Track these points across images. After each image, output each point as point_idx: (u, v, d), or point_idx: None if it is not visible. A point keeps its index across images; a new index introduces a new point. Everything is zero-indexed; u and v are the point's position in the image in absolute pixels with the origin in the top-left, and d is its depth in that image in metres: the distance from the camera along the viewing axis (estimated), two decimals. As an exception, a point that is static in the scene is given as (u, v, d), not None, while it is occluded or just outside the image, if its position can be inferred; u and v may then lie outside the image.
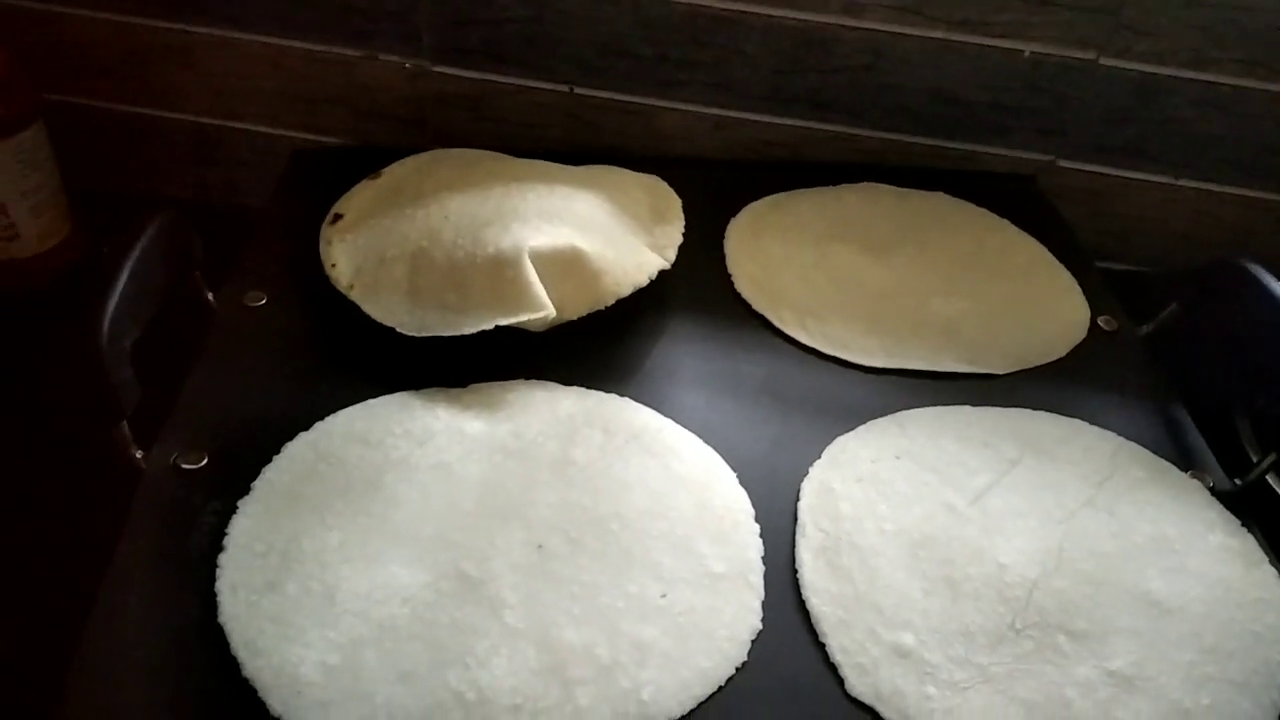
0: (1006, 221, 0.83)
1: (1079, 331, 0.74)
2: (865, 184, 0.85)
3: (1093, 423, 0.67)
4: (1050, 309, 0.76)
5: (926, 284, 0.76)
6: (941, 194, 0.85)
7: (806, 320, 0.72)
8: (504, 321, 0.63)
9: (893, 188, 0.85)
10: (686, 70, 0.87)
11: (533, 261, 0.65)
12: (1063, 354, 0.72)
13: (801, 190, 0.84)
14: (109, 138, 0.95)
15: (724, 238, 0.79)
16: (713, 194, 0.80)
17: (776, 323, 0.72)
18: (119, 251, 0.58)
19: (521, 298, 0.64)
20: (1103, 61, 0.83)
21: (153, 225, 0.61)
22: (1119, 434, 0.66)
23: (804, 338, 0.71)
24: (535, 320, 0.64)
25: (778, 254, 0.77)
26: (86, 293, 0.58)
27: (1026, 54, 0.84)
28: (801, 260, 0.77)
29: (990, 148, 0.89)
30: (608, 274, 0.67)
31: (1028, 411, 0.67)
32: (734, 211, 0.82)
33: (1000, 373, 0.70)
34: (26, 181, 0.81)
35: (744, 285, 0.74)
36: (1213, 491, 0.63)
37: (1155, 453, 0.65)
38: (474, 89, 0.89)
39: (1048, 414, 0.67)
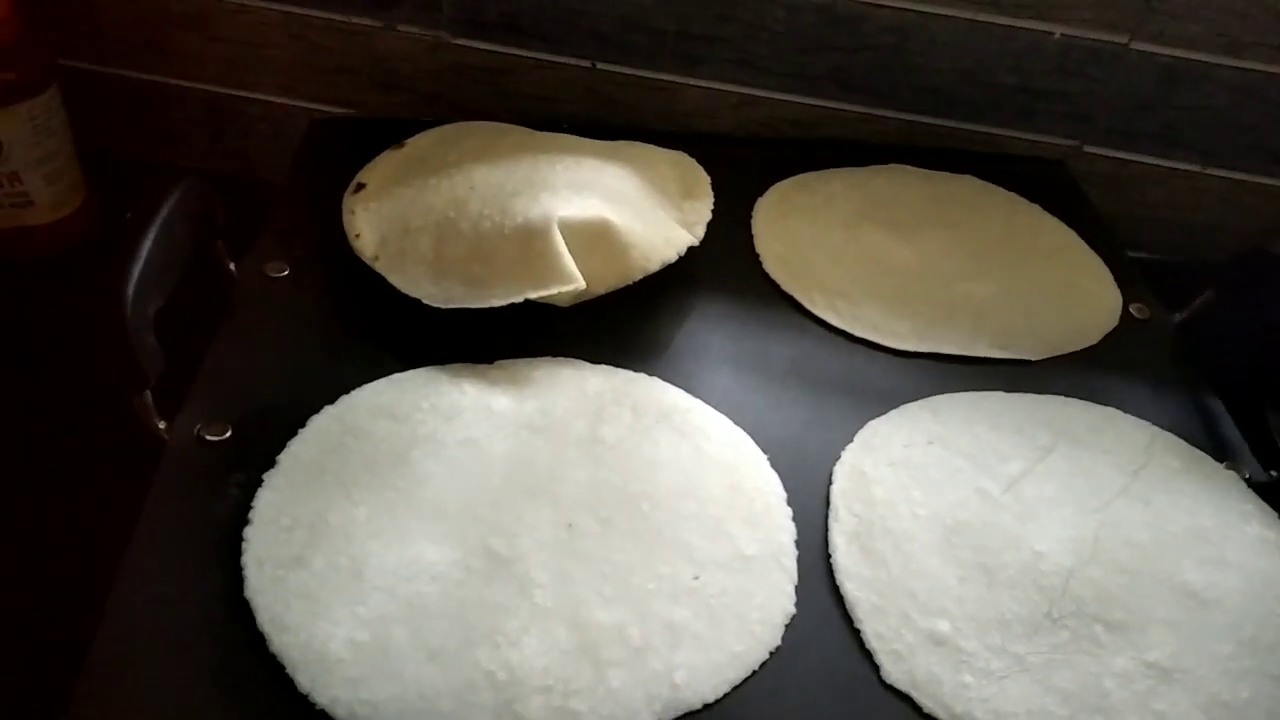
0: (1036, 206, 0.82)
1: (1111, 319, 0.73)
2: (893, 165, 0.84)
3: (1125, 411, 0.66)
4: (1082, 295, 0.75)
5: (956, 267, 0.75)
6: (970, 177, 0.84)
7: (837, 301, 0.71)
8: (533, 294, 0.62)
9: (920, 169, 0.84)
10: (709, 46, 0.86)
11: (561, 232, 0.63)
12: (1095, 341, 0.71)
13: (829, 170, 0.83)
14: (122, 105, 0.93)
15: (750, 217, 0.78)
16: (735, 172, 0.79)
17: (806, 304, 0.70)
18: (143, 217, 0.57)
19: (550, 269, 0.63)
20: (1134, 46, 0.82)
21: (177, 191, 0.59)
22: (1152, 423, 0.65)
23: (834, 319, 0.70)
24: (564, 293, 0.63)
25: (806, 234, 0.76)
26: (108, 259, 0.56)
27: (1057, 36, 0.83)
28: (830, 241, 0.76)
29: (1016, 131, 0.88)
30: (636, 248, 0.66)
31: (1060, 398, 0.66)
32: (756, 190, 0.80)
33: (1032, 359, 0.69)
34: (40, 148, 0.80)
35: (772, 265, 0.73)
36: (1248, 483, 0.62)
37: (1189, 443, 0.64)
38: (494, 62, 0.88)
39: (1080, 401, 0.66)
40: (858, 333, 0.69)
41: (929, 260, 0.75)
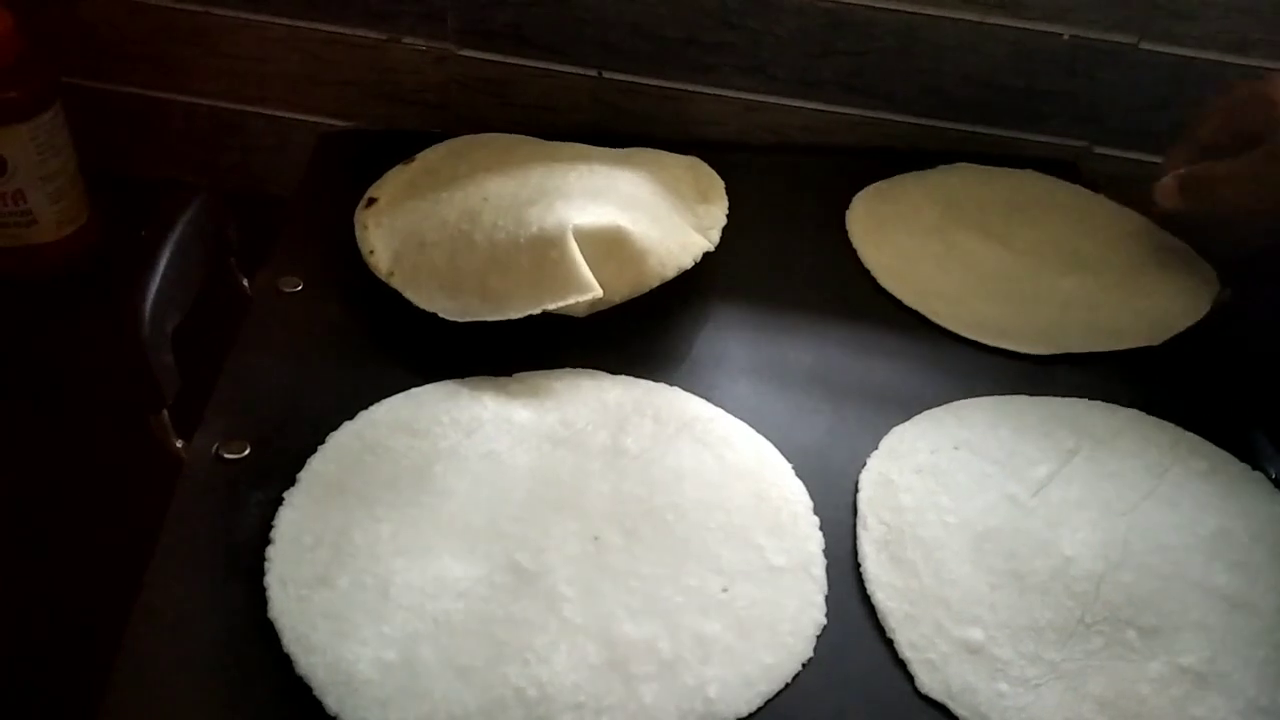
0: (1102, 195, 0.83)
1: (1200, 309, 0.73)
2: (959, 164, 0.85)
3: (1148, 413, 0.65)
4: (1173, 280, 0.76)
5: (1051, 264, 0.76)
6: (1031, 171, 0.85)
7: (959, 310, 0.71)
8: (551, 306, 0.61)
9: (984, 167, 0.85)
10: (716, 53, 0.85)
11: (576, 240, 0.63)
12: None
13: (901, 175, 0.83)
14: (125, 122, 0.92)
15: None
16: (746, 179, 0.78)
17: (930, 316, 0.71)
18: (158, 234, 0.56)
19: (567, 279, 0.62)
20: (1143, 45, 0.82)
21: (191, 207, 0.59)
22: (1176, 424, 0.65)
23: (954, 325, 0.71)
24: (581, 302, 0.62)
25: (907, 244, 0.76)
26: (122, 277, 0.56)
27: (1065, 37, 0.82)
28: (932, 249, 0.76)
29: (1025, 133, 0.88)
30: (653, 254, 0.65)
31: (1083, 401, 0.66)
32: (767, 196, 0.80)
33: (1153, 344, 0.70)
34: (44, 167, 0.79)
35: (884, 277, 0.74)
36: (1275, 483, 0.62)
37: (1214, 443, 0.64)
38: (500, 73, 0.87)
39: (1102, 403, 0.65)
40: (969, 334, 0.70)
41: (1023, 260, 0.76)
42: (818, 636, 0.52)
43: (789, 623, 0.52)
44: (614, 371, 0.64)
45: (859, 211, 0.80)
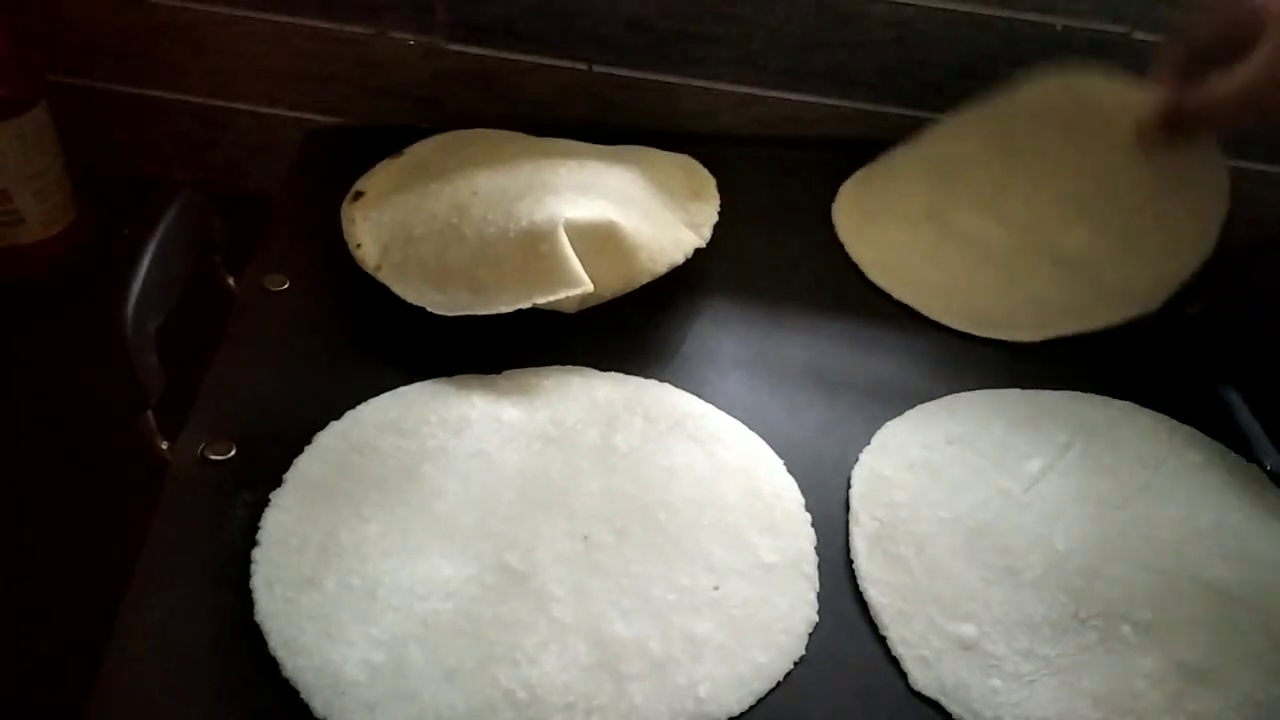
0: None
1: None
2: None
3: (1143, 405, 0.65)
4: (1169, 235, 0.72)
5: (1050, 223, 0.73)
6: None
7: (949, 301, 0.70)
8: (540, 301, 0.61)
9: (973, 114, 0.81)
10: (708, 46, 0.84)
11: (567, 234, 0.62)
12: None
13: (885, 155, 0.81)
14: (111, 120, 0.92)
15: (831, 222, 0.77)
16: (737, 172, 0.77)
17: (921, 309, 0.70)
18: (141, 232, 0.56)
19: (557, 273, 0.61)
20: (1135, 35, 0.81)
21: (174, 206, 0.58)
22: (1171, 416, 0.64)
23: (945, 318, 0.70)
24: (571, 297, 0.61)
25: (895, 236, 0.75)
26: (105, 276, 0.55)
27: (1058, 28, 0.81)
28: (923, 237, 0.75)
29: (1018, 124, 0.87)
30: (644, 250, 0.65)
31: (1077, 394, 0.65)
32: (758, 189, 0.79)
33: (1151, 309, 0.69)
34: (30, 166, 0.78)
35: (875, 273, 0.73)
36: (1271, 476, 0.61)
37: (1209, 436, 0.63)
38: (489, 67, 0.87)
39: (1097, 396, 0.65)
40: (960, 326, 0.69)
41: (1016, 228, 0.73)
42: (810, 634, 0.52)
43: (781, 621, 0.52)
44: (604, 368, 0.63)
45: (844, 204, 0.78)
